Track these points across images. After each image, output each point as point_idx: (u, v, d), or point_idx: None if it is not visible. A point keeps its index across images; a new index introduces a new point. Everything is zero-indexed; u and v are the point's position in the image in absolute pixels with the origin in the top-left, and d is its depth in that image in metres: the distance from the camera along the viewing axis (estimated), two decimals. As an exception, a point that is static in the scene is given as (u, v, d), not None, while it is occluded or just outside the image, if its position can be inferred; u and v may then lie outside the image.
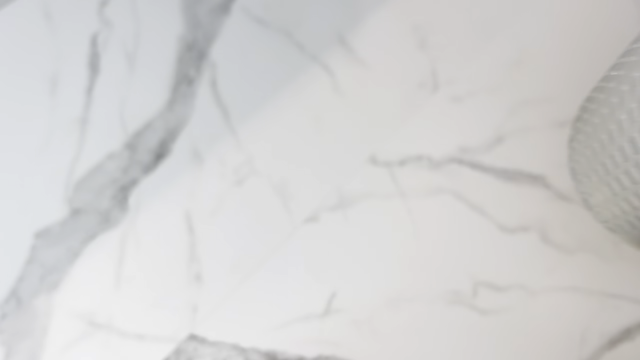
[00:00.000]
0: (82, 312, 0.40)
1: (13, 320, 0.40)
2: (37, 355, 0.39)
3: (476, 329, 0.39)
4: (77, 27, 0.50)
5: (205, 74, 0.48)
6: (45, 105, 0.47)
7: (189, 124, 0.46)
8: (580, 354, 0.38)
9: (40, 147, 0.45)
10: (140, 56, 0.49)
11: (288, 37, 0.50)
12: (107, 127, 0.46)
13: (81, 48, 0.49)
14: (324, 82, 0.48)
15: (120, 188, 0.44)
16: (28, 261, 0.41)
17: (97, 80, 0.48)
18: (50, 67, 0.49)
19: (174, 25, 0.50)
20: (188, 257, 0.41)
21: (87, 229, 0.42)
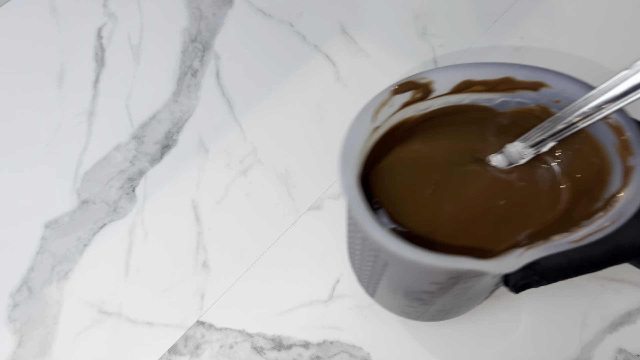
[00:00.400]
0: (92, 300, 0.41)
1: (25, 309, 0.40)
2: (49, 343, 0.39)
3: (476, 313, 0.39)
4: (83, 20, 0.51)
5: (210, 65, 0.49)
6: (53, 98, 0.48)
7: (194, 115, 0.47)
8: (581, 338, 0.38)
9: (48, 139, 0.46)
10: (145, 49, 0.50)
11: (290, 27, 0.50)
12: (113, 119, 0.47)
13: (87, 41, 0.50)
14: (326, 71, 0.48)
15: (128, 179, 0.44)
16: (38, 251, 0.42)
17: (102, 73, 0.49)
18: (56, 61, 0.49)
19: (177, 18, 0.51)
20: (195, 246, 0.42)
21: (96, 219, 0.43)
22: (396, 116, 0.32)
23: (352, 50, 0.49)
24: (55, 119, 0.47)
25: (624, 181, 0.29)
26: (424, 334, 0.39)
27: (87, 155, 0.45)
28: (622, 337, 0.38)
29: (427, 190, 0.34)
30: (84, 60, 0.49)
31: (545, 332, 0.39)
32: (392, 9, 0.51)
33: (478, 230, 0.33)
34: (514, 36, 0.48)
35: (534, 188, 0.34)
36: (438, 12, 0.50)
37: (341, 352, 0.38)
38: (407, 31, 0.50)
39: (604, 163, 0.31)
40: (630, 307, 0.39)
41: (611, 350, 0.38)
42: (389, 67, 0.48)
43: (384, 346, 0.39)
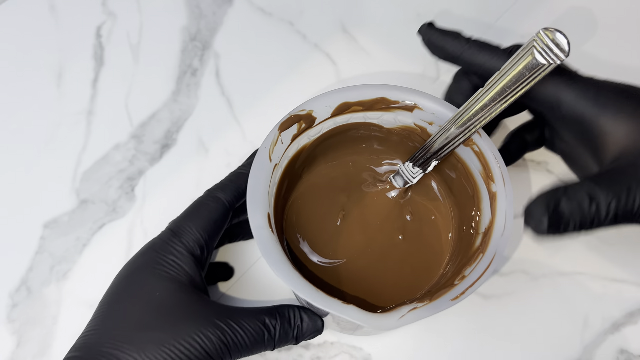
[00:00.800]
0: (91, 300, 0.40)
1: (24, 309, 0.40)
2: (48, 343, 0.39)
3: (478, 313, 0.39)
4: (82, 18, 0.51)
5: (209, 64, 0.49)
6: (51, 97, 0.47)
7: (193, 114, 0.47)
8: (583, 338, 0.38)
9: (47, 138, 0.46)
10: (144, 47, 0.49)
11: (290, 26, 0.50)
12: (112, 118, 0.47)
13: (86, 40, 0.50)
14: (326, 70, 0.48)
15: (127, 178, 0.44)
16: (37, 251, 0.42)
17: (101, 72, 0.48)
18: (55, 59, 0.49)
19: (177, 16, 0.50)
20: (194, 246, 0.42)
21: (95, 219, 0.43)
22: (291, 149, 0.35)
23: (352, 49, 0.49)
24: (54, 118, 0.47)
25: (491, 210, 0.32)
26: (425, 334, 0.39)
27: (86, 155, 0.45)
28: (623, 338, 0.38)
29: (336, 217, 0.37)
30: (83, 59, 0.49)
31: (547, 332, 0.39)
32: (392, 7, 0.51)
33: (379, 274, 0.36)
34: (515, 36, 0.48)
35: (422, 227, 0.38)
36: (439, 11, 0.50)
37: (342, 352, 0.38)
38: (408, 30, 0.49)
39: (475, 189, 0.34)
40: (632, 308, 0.39)
41: (613, 351, 0.38)
42: (389, 66, 0.48)
43: (385, 346, 0.38)
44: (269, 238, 0.30)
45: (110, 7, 0.51)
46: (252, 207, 0.31)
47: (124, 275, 0.33)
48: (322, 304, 0.28)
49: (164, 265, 0.32)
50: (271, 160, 0.33)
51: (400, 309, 0.28)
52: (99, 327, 0.30)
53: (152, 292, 0.31)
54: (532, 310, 0.39)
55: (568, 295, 0.39)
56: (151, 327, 0.29)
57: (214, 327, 0.30)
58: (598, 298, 0.39)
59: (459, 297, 0.29)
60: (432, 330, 0.39)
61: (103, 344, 0.29)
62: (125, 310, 0.30)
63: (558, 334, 0.39)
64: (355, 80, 0.47)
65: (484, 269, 0.29)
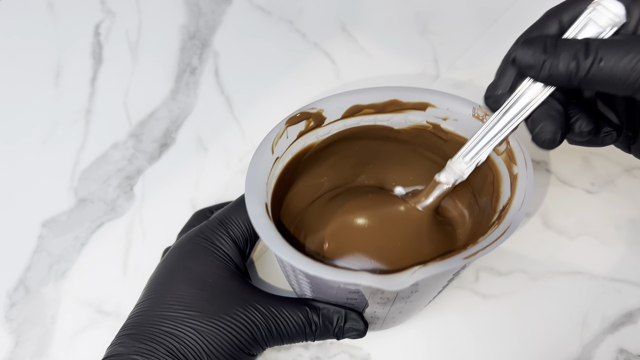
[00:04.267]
0: (90, 300, 0.40)
1: (22, 308, 0.40)
2: (46, 342, 0.39)
3: (478, 313, 0.39)
4: (80, 17, 0.50)
5: (208, 62, 0.48)
6: (49, 96, 0.47)
7: (192, 113, 0.46)
8: (582, 338, 0.38)
9: (45, 137, 0.46)
10: (143, 46, 0.49)
11: (290, 25, 0.50)
12: (111, 116, 0.46)
13: (84, 38, 0.49)
14: (326, 69, 0.48)
15: (126, 177, 0.44)
16: (35, 250, 0.42)
17: (100, 70, 0.48)
18: (53, 58, 0.49)
19: (176, 14, 0.50)
20: (193, 245, 0.41)
21: (94, 218, 0.43)
22: (297, 145, 0.35)
23: (352, 48, 0.49)
24: (52, 117, 0.46)
25: (511, 191, 0.31)
26: (424, 334, 0.39)
27: (85, 154, 0.45)
28: (623, 337, 0.38)
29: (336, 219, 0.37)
30: (81, 57, 0.49)
31: (546, 332, 0.39)
32: (392, 6, 0.51)
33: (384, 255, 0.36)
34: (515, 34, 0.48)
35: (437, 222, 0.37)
36: (439, 10, 0.50)
37: (341, 352, 0.38)
38: (408, 29, 0.49)
39: (495, 174, 0.33)
40: (631, 307, 0.39)
41: (612, 351, 0.38)
42: (389, 66, 0.48)
43: (384, 346, 0.38)
44: (268, 225, 0.30)
45: (109, 5, 0.51)
46: (250, 196, 0.31)
47: (176, 260, 0.34)
48: (332, 276, 0.27)
49: (214, 252, 0.34)
50: (273, 153, 0.33)
51: (412, 268, 0.28)
52: (153, 307, 0.32)
53: (206, 278, 0.32)
54: (532, 310, 0.39)
55: (567, 295, 0.39)
56: (209, 312, 0.31)
57: (259, 312, 0.31)
58: (597, 298, 0.39)
59: (472, 256, 0.28)
60: (432, 330, 0.39)
61: (162, 324, 0.31)
62: (182, 294, 0.32)
63: (557, 333, 0.39)
64: (355, 80, 0.47)
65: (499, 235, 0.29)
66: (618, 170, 0.43)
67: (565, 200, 0.42)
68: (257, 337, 0.31)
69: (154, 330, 0.30)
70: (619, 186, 0.43)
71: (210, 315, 0.31)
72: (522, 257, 0.41)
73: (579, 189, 0.43)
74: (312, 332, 0.33)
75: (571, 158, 0.44)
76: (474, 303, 0.39)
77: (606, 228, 0.41)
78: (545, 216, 0.42)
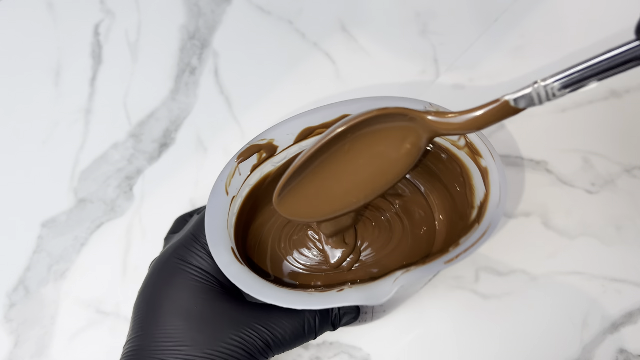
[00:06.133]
0: (89, 300, 0.40)
1: (21, 309, 0.40)
2: (45, 343, 0.39)
3: (478, 313, 0.39)
4: (79, 16, 0.50)
5: (208, 62, 0.48)
6: (49, 96, 0.47)
7: (192, 113, 0.46)
8: (582, 338, 0.38)
9: (45, 137, 0.46)
10: (143, 46, 0.49)
11: (289, 25, 0.50)
12: (110, 116, 0.46)
13: (83, 38, 0.49)
14: (326, 69, 0.48)
15: (125, 177, 0.44)
16: (35, 251, 0.42)
17: (100, 70, 0.48)
18: (53, 57, 0.49)
19: (175, 14, 0.50)
20: (193, 245, 0.41)
21: (93, 218, 0.43)
22: (252, 178, 0.34)
23: (351, 48, 0.49)
24: (52, 117, 0.46)
25: (485, 185, 0.31)
26: (424, 334, 0.39)
27: (84, 154, 0.45)
28: (623, 338, 0.38)
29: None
30: (81, 57, 0.49)
31: (546, 332, 0.39)
32: (392, 6, 0.50)
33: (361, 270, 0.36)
34: (515, 34, 0.48)
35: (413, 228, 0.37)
36: (439, 10, 0.50)
37: (341, 352, 0.38)
38: (408, 29, 0.49)
39: (462, 166, 0.33)
40: (631, 307, 0.39)
41: (612, 351, 0.38)
42: (389, 65, 0.48)
43: (384, 347, 0.38)
44: (241, 270, 0.30)
45: (108, 5, 0.51)
46: (214, 247, 0.30)
47: (157, 290, 0.32)
48: (320, 305, 0.28)
49: (194, 274, 0.32)
50: (228, 194, 0.33)
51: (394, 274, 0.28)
52: (143, 345, 0.30)
53: (191, 306, 0.31)
54: (532, 310, 0.39)
55: (567, 295, 0.39)
56: (200, 343, 0.30)
57: (252, 329, 0.31)
58: (597, 298, 0.39)
59: (452, 260, 0.28)
60: (432, 330, 0.39)
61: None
62: (169, 328, 0.30)
63: (557, 333, 0.39)
64: (355, 80, 0.47)
65: (479, 237, 0.29)
66: (618, 170, 0.43)
67: (565, 200, 0.42)
68: (255, 353, 0.30)
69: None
70: (619, 186, 0.42)
71: (202, 347, 0.30)
72: (522, 257, 0.40)
73: (579, 189, 0.43)
74: (312, 330, 0.32)
75: (571, 158, 0.44)
76: (475, 303, 0.39)
77: (606, 228, 0.41)
78: (545, 216, 0.42)
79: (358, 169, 0.30)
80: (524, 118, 0.45)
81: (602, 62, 0.26)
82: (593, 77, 0.27)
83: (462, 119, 0.28)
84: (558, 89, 0.27)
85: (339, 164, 0.30)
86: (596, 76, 0.27)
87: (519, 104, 0.28)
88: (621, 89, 0.45)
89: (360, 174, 0.31)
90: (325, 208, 0.31)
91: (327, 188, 0.31)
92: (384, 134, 0.29)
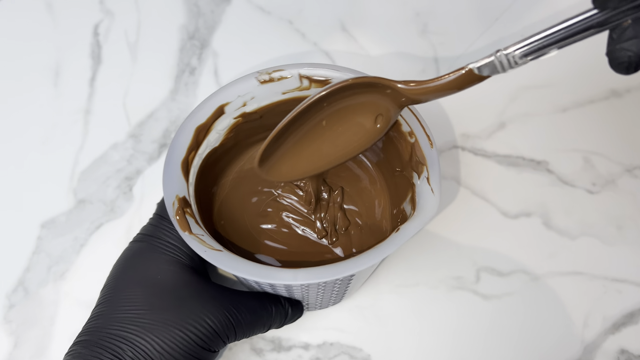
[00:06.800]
0: (89, 301, 0.40)
1: (21, 310, 0.40)
2: (45, 344, 0.39)
3: (478, 313, 0.39)
4: (79, 17, 0.50)
5: (208, 62, 0.48)
6: (48, 96, 0.47)
7: (192, 114, 0.46)
8: (583, 338, 0.38)
9: (44, 138, 0.46)
10: (142, 46, 0.49)
11: (289, 25, 0.50)
12: (110, 117, 0.46)
13: (83, 38, 0.49)
14: (326, 70, 0.48)
15: (125, 178, 0.44)
16: (34, 251, 0.42)
17: (99, 71, 0.48)
18: (52, 58, 0.49)
19: (175, 14, 0.50)
20: (193, 246, 0.41)
21: (93, 219, 0.43)
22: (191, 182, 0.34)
23: (351, 48, 0.49)
24: (51, 117, 0.46)
25: (419, 157, 0.33)
26: (424, 334, 0.39)
27: (84, 154, 0.45)
28: (624, 338, 0.38)
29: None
30: (80, 58, 0.49)
31: (547, 332, 0.38)
32: (392, 6, 0.50)
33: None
34: (515, 34, 0.48)
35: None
36: (439, 10, 0.50)
37: (341, 353, 0.38)
38: (408, 29, 0.49)
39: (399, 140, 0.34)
40: (632, 308, 0.39)
41: (613, 351, 0.38)
42: (389, 65, 0.48)
43: (384, 347, 0.38)
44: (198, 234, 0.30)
45: (107, 5, 0.51)
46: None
47: (124, 262, 0.33)
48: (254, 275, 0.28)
49: (162, 248, 0.32)
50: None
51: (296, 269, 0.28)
52: (104, 312, 0.30)
53: (154, 275, 0.31)
54: (532, 310, 0.39)
55: (568, 295, 0.39)
56: (157, 308, 0.30)
57: (222, 308, 0.30)
58: (598, 298, 0.39)
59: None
60: (432, 330, 0.39)
61: (110, 327, 0.29)
62: (130, 295, 0.31)
63: (558, 334, 0.38)
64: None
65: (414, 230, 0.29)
66: (619, 170, 0.43)
67: (566, 200, 0.42)
68: (219, 331, 0.30)
69: (102, 334, 0.29)
70: (620, 186, 0.42)
71: (159, 311, 0.29)
72: (522, 257, 0.40)
73: (579, 189, 0.43)
74: (270, 320, 0.33)
75: (572, 158, 0.43)
76: (475, 304, 0.39)
77: (607, 228, 0.41)
78: (546, 216, 0.42)
79: (334, 133, 0.32)
80: (524, 118, 0.45)
81: (560, 30, 0.28)
82: (552, 45, 0.28)
83: (430, 84, 0.30)
84: (519, 57, 0.29)
85: (317, 129, 0.32)
86: (555, 44, 0.28)
87: (483, 71, 0.30)
88: (622, 88, 0.45)
89: (337, 138, 0.33)
90: (304, 168, 0.33)
91: (305, 151, 0.33)
92: (360, 100, 0.32)
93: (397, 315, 0.39)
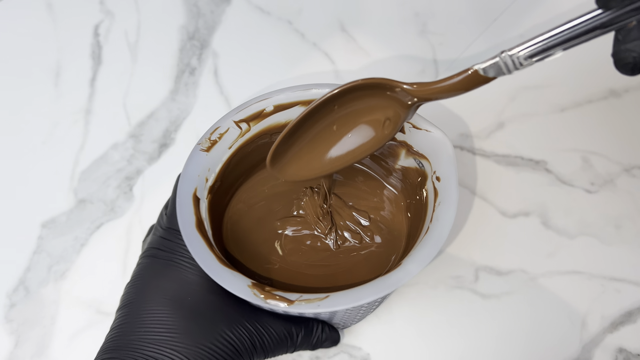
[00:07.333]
0: (89, 300, 0.40)
1: (22, 309, 0.40)
2: (46, 343, 0.39)
3: (478, 312, 0.39)
4: (79, 17, 0.50)
5: (208, 63, 0.48)
6: (49, 96, 0.47)
7: (192, 113, 0.46)
8: (582, 337, 0.38)
9: (45, 138, 0.46)
10: (142, 46, 0.49)
11: (289, 25, 0.50)
12: (110, 117, 0.46)
13: (83, 39, 0.49)
14: (325, 69, 0.48)
15: (125, 178, 0.44)
16: (35, 251, 0.42)
17: (99, 71, 0.48)
18: (52, 58, 0.49)
19: (175, 15, 0.50)
20: (193, 246, 0.41)
21: (93, 218, 0.43)
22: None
23: (351, 48, 0.49)
24: (52, 118, 0.46)
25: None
26: (424, 334, 0.39)
27: (84, 154, 0.45)
28: (622, 337, 0.38)
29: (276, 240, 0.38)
30: (81, 58, 0.49)
31: (546, 331, 0.39)
32: (391, 6, 0.51)
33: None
34: (514, 34, 0.48)
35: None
36: (438, 10, 0.50)
37: (341, 352, 0.38)
38: (407, 29, 0.49)
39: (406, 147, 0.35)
40: (630, 307, 0.39)
41: (612, 350, 0.38)
42: (388, 66, 0.48)
43: (384, 346, 0.38)
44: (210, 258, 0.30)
45: (108, 5, 0.51)
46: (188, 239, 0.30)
47: (146, 279, 0.32)
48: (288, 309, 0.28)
49: (184, 265, 0.32)
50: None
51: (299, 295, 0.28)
52: (130, 330, 0.30)
53: (182, 296, 0.31)
54: (531, 309, 0.39)
55: (567, 295, 0.39)
56: (189, 331, 0.30)
57: (244, 328, 0.31)
58: (597, 297, 0.39)
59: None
60: (431, 330, 0.39)
61: (140, 347, 0.29)
62: (159, 315, 0.30)
63: (557, 333, 0.39)
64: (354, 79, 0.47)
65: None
66: (618, 170, 0.43)
67: (564, 200, 0.42)
68: (242, 352, 0.30)
69: (136, 355, 0.29)
70: (619, 186, 0.43)
71: (194, 337, 0.29)
72: (521, 257, 0.41)
73: (578, 188, 0.43)
74: (294, 344, 0.33)
75: (571, 158, 0.44)
76: (474, 303, 0.39)
77: (606, 228, 0.41)
78: (545, 216, 0.42)
79: (344, 136, 0.33)
80: (523, 118, 0.45)
81: (564, 31, 0.27)
82: (557, 46, 0.28)
83: (437, 85, 0.30)
84: (524, 58, 0.28)
85: (328, 132, 0.33)
86: (560, 45, 0.28)
87: (488, 72, 0.29)
88: (621, 88, 0.45)
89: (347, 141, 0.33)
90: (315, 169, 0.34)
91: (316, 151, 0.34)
92: (368, 102, 0.32)
93: (396, 314, 0.39)
